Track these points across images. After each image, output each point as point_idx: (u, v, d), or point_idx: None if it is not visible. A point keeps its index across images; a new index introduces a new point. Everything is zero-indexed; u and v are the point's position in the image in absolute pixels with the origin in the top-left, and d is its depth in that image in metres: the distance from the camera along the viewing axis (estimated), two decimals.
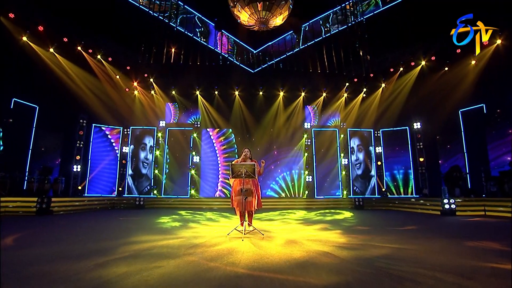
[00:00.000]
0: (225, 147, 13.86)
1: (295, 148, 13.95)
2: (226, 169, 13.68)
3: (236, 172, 5.36)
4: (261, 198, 5.94)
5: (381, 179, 13.17)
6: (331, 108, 14.28)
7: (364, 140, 13.82)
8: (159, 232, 5.43)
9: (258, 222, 7.06)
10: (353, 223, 6.97)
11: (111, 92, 12.09)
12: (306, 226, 6.48)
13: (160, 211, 10.30)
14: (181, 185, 13.17)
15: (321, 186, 13.49)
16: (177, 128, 13.73)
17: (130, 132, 13.26)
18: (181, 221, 7.33)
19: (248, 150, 6.01)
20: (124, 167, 12.94)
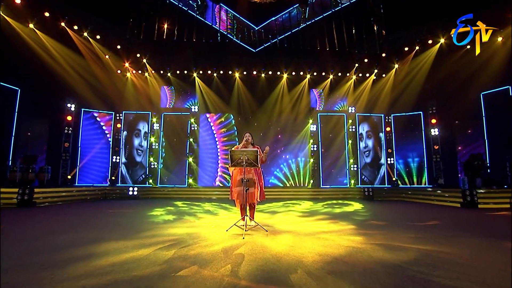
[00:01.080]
0: (225, 132, 13.28)
1: (300, 134, 13.37)
2: (226, 155, 13.13)
3: (236, 160, 4.80)
4: (264, 188, 5.42)
5: (392, 167, 12.64)
6: (339, 91, 13.61)
7: (374, 125, 13.20)
8: (149, 228, 4.93)
9: (260, 215, 6.57)
10: (365, 216, 6.46)
11: (100, 74, 11.43)
12: (314, 220, 5.98)
13: (155, 201, 9.85)
14: (178, 173, 12.71)
15: (327, 174, 12.99)
16: (173, 113, 13.16)
17: (122, 118, 12.68)
18: (176, 213, 6.84)
19: (249, 134, 5.44)
20: (117, 155, 12.43)
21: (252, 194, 5.14)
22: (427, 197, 9.32)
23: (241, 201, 5.15)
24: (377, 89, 13.03)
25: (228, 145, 13.15)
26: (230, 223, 5.57)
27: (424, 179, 11.77)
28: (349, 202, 9.66)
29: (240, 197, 5.12)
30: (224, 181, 12.90)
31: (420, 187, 11.53)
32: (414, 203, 9.36)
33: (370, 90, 13.14)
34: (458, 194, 7.91)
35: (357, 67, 12.99)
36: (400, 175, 12.46)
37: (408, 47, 11.25)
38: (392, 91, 12.55)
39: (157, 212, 7.10)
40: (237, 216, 6.08)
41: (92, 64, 10.90)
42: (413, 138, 12.31)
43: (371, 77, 13.07)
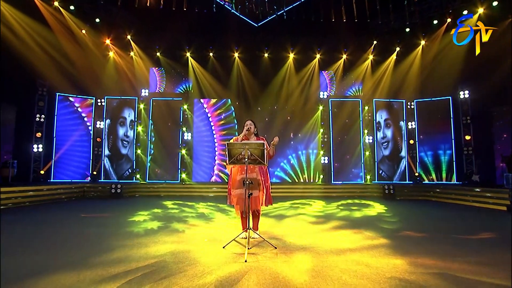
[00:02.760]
0: (223, 121, 12.38)
1: (309, 122, 12.43)
2: (224, 148, 12.20)
3: (235, 156, 3.92)
4: (270, 190, 4.55)
5: (414, 161, 11.74)
6: (353, 73, 12.59)
7: (393, 113, 12.24)
8: (122, 245, 4.05)
9: (265, 221, 5.71)
10: (394, 223, 5.60)
11: (76, 53, 10.41)
12: (331, 228, 5.12)
13: (140, 201, 9.03)
14: (169, 168, 11.88)
15: (339, 169, 12.12)
16: (164, 99, 12.22)
17: (105, 104, 11.73)
18: (163, 219, 5.99)
19: (251, 122, 4.55)
20: (99, 146, 11.54)
21: (256, 199, 4.28)
22: (461, 197, 8.46)
23: (242, 207, 4.29)
24: (399, 71, 11.99)
25: (226, 135, 12.25)
26: (228, 233, 4.73)
27: (452, 175, 10.87)
28: (368, 202, 8.81)
29: (241, 202, 4.27)
30: (222, 177, 12.05)
31: (448, 184, 10.65)
32: (445, 204, 8.50)
33: (390, 72, 12.11)
34: (504, 195, 7.03)
35: (375, 45, 11.94)
36: (424, 169, 11.56)
37: (438, 19, 10.14)
38: (417, 72, 11.51)
39: (140, 216, 6.24)
40: (237, 223, 5.22)
41: (64, 40, 9.86)
42: (440, 128, 11.35)
43: (392, 56, 12.02)
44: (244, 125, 4.52)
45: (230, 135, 12.17)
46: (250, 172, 4.31)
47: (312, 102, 12.52)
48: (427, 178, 11.40)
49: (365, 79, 12.51)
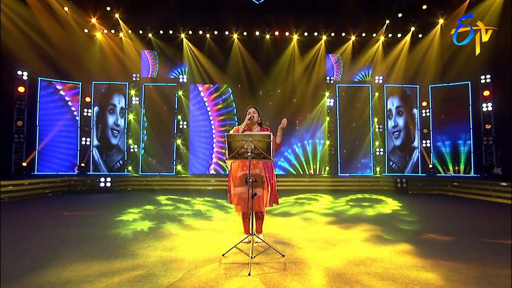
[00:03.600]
0: (221, 108, 11.89)
1: (315, 110, 11.94)
2: (224, 140, 11.72)
3: (236, 149, 3.47)
4: (276, 188, 4.15)
5: (427, 152, 11.31)
6: (363, 56, 12.01)
7: (406, 100, 11.73)
8: (103, 253, 3.65)
9: (269, 221, 5.31)
10: (414, 223, 5.22)
11: (59, 33, 9.82)
12: (344, 228, 4.73)
13: (132, 196, 8.65)
14: (163, 159, 11.45)
15: (346, 160, 11.71)
16: (157, 84, 11.69)
17: (92, 89, 11.20)
18: (155, 217, 5.59)
19: (254, 110, 4.11)
20: (86, 136, 11.07)
21: (259, 200, 3.87)
22: (482, 192, 8.05)
23: (244, 208, 3.89)
24: (414, 53, 11.40)
25: (225, 122, 11.79)
26: (228, 235, 4.34)
27: (470, 167, 10.44)
28: (379, 197, 8.42)
29: (242, 203, 3.87)
30: (220, 169, 11.68)
31: (465, 176, 10.23)
32: (464, 200, 8.10)
33: (403, 54, 11.54)
34: None
35: (387, 24, 11.34)
36: (439, 161, 11.14)
37: None
38: (435, 55, 10.94)
39: (129, 215, 5.84)
40: (238, 222, 4.81)
41: (44, 19, 9.24)
42: (457, 115, 10.87)
43: (406, 37, 11.42)
44: (246, 113, 4.05)
45: (229, 121, 11.75)
46: (253, 168, 3.89)
47: (318, 88, 11.99)
48: (442, 170, 10.98)
49: (376, 63, 11.93)
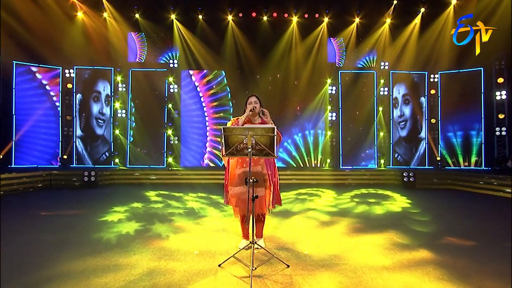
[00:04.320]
0: (215, 94, 11.50)
1: (316, 98, 11.59)
2: (217, 134, 11.51)
3: (233, 145, 3.12)
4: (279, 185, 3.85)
5: (435, 143, 11.05)
6: (367, 41, 11.55)
7: (413, 87, 11.41)
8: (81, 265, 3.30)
9: (269, 221, 5.01)
10: (428, 224, 4.96)
11: (36, 13, 9.22)
12: (352, 232, 4.42)
13: (118, 192, 8.29)
14: (153, 151, 11.11)
15: (349, 152, 11.45)
16: (145, 70, 11.22)
17: (74, 75, 10.69)
18: (143, 218, 5.25)
19: (256, 98, 3.78)
20: (69, 126, 10.60)
21: (261, 201, 3.55)
22: (495, 187, 7.82)
23: (244, 211, 3.58)
24: (423, 37, 11.01)
25: (218, 108, 11.45)
26: (225, 239, 4.04)
27: (480, 160, 10.22)
28: (386, 193, 8.17)
29: (241, 204, 3.57)
30: (215, 159, 11.39)
31: (475, 170, 10.02)
32: (477, 196, 7.87)
33: (413, 39, 11.13)
34: None
35: (395, 5, 10.92)
36: (448, 153, 10.89)
37: None
38: (448, 39, 10.55)
39: (114, 215, 5.48)
40: (235, 223, 4.48)
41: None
42: (468, 104, 10.59)
43: (415, 19, 11.01)
44: (247, 102, 3.68)
45: (224, 108, 11.44)
46: (253, 165, 3.55)
47: (319, 75, 11.60)
48: (451, 162, 10.74)
49: (381, 47, 11.52)
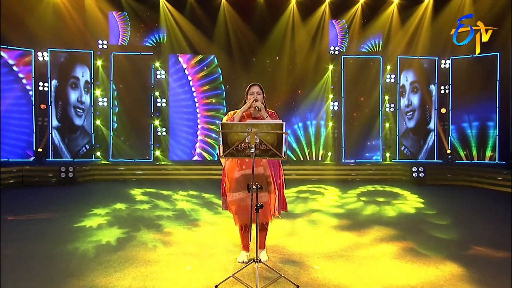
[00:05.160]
0: (207, 81, 11.06)
1: (318, 86, 11.22)
2: (209, 121, 11.13)
3: (233, 144, 2.75)
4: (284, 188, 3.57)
5: (445, 135, 10.81)
6: (372, 23, 11.14)
7: (422, 74, 11.09)
8: (52, 285, 2.91)
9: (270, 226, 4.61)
10: (449, 229, 4.70)
11: None
12: (364, 238, 4.09)
13: (99, 190, 7.91)
14: (138, 143, 10.70)
15: (352, 144, 11.16)
16: (129, 53, 10.70)
17: (48, 58, 10.09)
18: (127, 223, 4.88)
19: (259, 88, 3.43)
20: (44, 116, 10.08)
21: (265, 207, 3.19)
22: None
23: (245, 220, 3.30)
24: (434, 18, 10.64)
25: (211, 97, 11.06)
26: (221, 250, 3.71)
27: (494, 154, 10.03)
28: (394, 190, 7.93)
29: (242, 212, 3.27)
30: (209, 149, 11.07)
31: (488, 164, 9.80)
32: (494, 194, 7.61)
33: (421, 21, 10.76)
34: None
35: None
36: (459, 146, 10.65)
37: None
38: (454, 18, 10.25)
39: (94, 219, 5.09)
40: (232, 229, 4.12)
41: None
42: (481, 93, 10.31)
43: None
44: (247, 93, 3.32)
45: (215, 91, 11.07)
46: (257, 167, 3.18)
47: (320, 60, 11.20)
48: (463, 155, 10.53)
49: (388, 30, 11.12)
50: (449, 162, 10.21)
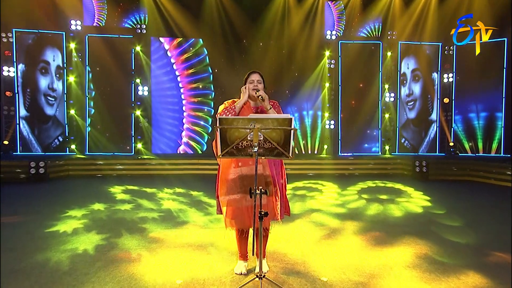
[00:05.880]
0: (193, 66, 10.81)
1: (314, 73, 11.06)
2: (196, 107, 10.89)
3: (232, 141, 2.52)
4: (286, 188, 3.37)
5: (448, 126, 10.83)
6: (372, 5, 11.01)
7: (424, 61, 11.08)
8: None
9: None
10: (461, 231, 4.59)
11: None
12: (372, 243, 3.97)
13: (74, 188, 7.58)
14: (118, 135, 10.48)
15: (349, 136, 11.13)
16: (106, 36, 10.35)
17: (13, 40, 9.62)
18: (106, 226, 4.61)
19: (259, 76, 3.14)
20: (9, 104, 9.67)
21: (269, 210, 2.95)
22: None
23: (243, 225, 3.05)
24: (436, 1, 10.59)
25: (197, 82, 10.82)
26: (215, 259, 3.54)
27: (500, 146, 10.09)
28: (397, 186, 7.88)
29: (240, 216, 3.00)
30: (197, 138, 10.92)
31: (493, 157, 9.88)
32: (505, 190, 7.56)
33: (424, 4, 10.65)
34: None
35: None
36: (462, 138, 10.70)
37: None
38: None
39: (68, 221, 4.80)
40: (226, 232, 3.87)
41: None
42: (487, 82, 10.34)
43: None
44: (247, 81, 3.05)
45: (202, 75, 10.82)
46: (251, 164, 2.97)
47: (316, 45, 11.02)
48: (468, 148, 10.60)
49: (389, 13, 10.99)
50: (452, 156, 10.23)
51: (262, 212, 2.47)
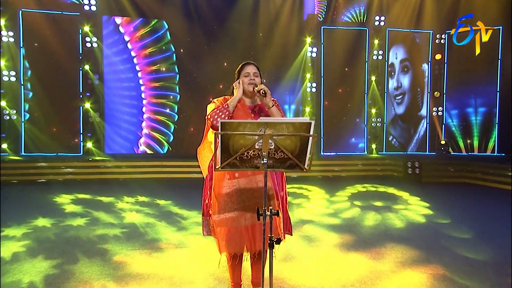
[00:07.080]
0: (153, 50, 10.56)
1: (294, 63, 11.04)
2: (157, 94, 10.69)
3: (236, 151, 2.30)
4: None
5: (440, 123, 11.18)
6: None
7: (414, 50, 11.44)
8: None
9: None
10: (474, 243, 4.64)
11: None
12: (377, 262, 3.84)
13: (10, 198, 7.01)
14: (63, 132, 10.14)
15: (332, 134, 11.29)
16: (46, 12, 9.90)
17: None
18: (55, 249, 4.21)
19: (255, 68, 2.93)
20: None
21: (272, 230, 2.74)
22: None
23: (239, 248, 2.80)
24: None
25: (158, 67, 10.55)
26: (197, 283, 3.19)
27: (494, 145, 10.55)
28: (389, 190, 8.04)
29: (237, 240, 2.78)
30: (156, 146, 10.61)
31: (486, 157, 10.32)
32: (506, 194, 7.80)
33: None
34: None
35: None
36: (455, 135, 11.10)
37: None
38: None
39: (5, 243, 4.34)
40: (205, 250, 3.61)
41: None
42: (481, 74, 10.77)
43: None
44: (240, 73, 2.88)
45: (166, 71, 10.60)
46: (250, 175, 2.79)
47: (297, 31, 10.97)
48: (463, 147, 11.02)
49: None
50: (444, 155, 10.53)
51: (273, 239, 2.23)
